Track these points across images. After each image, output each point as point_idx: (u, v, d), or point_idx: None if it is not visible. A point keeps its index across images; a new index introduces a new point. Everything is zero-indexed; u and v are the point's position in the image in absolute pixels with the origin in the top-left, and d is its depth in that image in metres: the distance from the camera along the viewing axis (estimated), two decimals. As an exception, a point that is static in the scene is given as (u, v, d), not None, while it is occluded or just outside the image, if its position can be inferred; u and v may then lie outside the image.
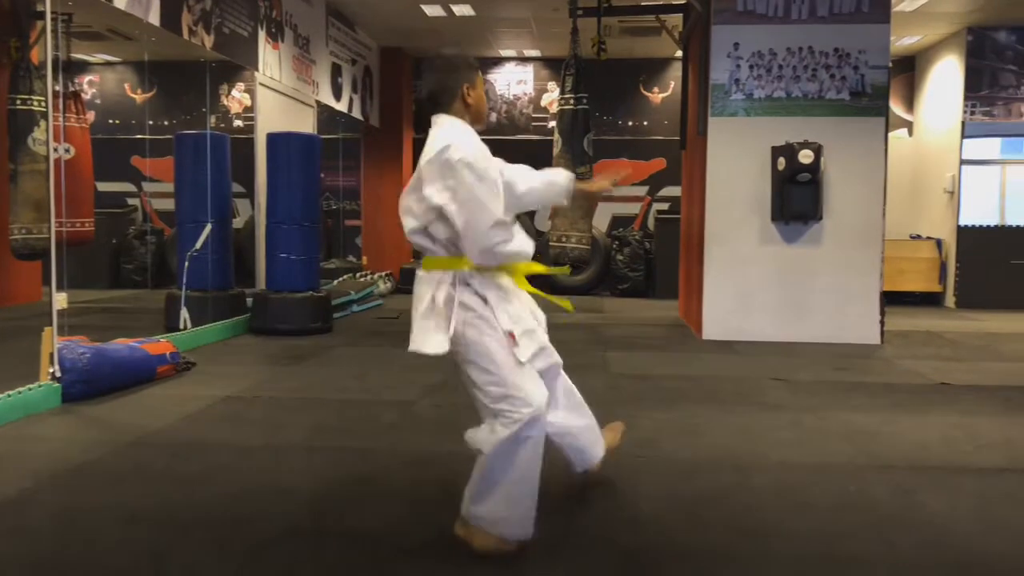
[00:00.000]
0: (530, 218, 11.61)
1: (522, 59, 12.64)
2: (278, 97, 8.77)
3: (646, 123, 12.43)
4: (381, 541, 2.86)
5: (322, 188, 9.56)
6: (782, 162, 7.33)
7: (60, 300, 4.92)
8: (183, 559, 2.70)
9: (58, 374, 4.73)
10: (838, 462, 3.81)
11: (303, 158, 7.63)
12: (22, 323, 6.99)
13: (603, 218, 12.16)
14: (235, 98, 12.30)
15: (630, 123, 12.46)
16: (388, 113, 12.38)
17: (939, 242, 10.87)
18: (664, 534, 2.95)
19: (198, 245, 7.39)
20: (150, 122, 12.12)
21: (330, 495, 3.31)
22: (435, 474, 3.55)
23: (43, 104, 7.21)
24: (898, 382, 5.70)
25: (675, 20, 9.27)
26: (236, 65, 9.01)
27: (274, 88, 8.65)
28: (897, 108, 11.78)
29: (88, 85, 12.20)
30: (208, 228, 7.44)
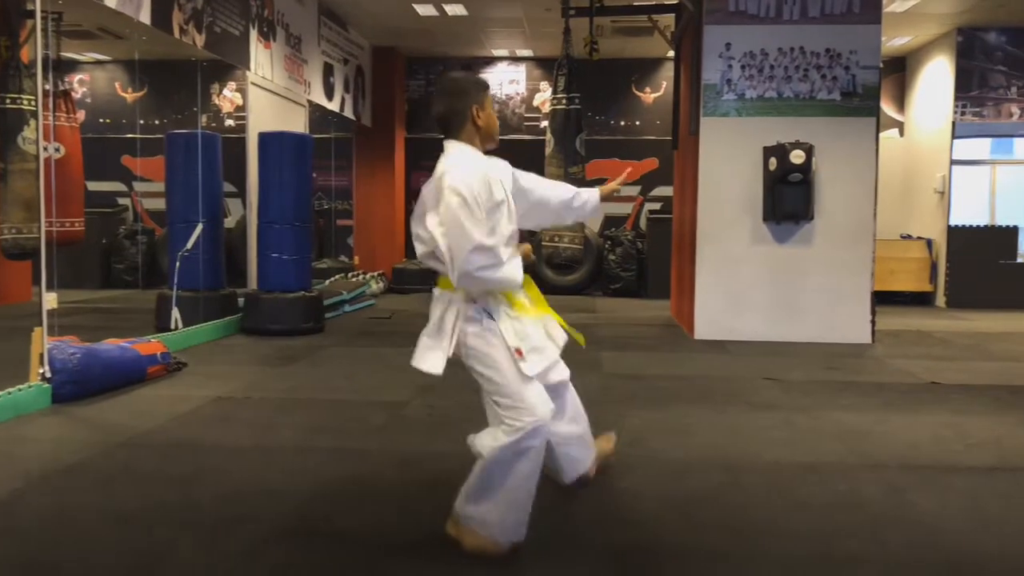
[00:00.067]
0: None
1: (514, 59, 12.63)
2: (270, 96, 8.75)
3: (638, 123, 12.45)
4: (372, 541, 2.85)
5: (314, 188, 9.55)
6: (773, 162, 7.35)
7: (50, 300, 4.90)
8: (174, 560, 2.69)
9: (48, 375, 4.72)
10: (829, 461, 3.82)
11: (295, 158, 7.62)
12: (12, 323, 6.95)
13: (595, 218, 12.17)
14: (226, 97, 12.27)
15: (622, 123, 12.47)
16: (380, 113, 12.36)
17: (929, 242, 10.91)
18: (656, 533, 2.95)
19: (189, 245, 7.38)
20: (141, 121, 12.07)
21: (321, 495, 3.31)
22: (426, 475, 3.55)
23: (33, 103, 7.16)
24: (889, 381, 5.72)
25: (667, 20, 9.29)
26: (227, 64, 8.99)
27: (266, 87, 8.62)
28: (888, 108, 11.83)
29: (78, 84, 12.14)
30: (199, 228, 7.43)
